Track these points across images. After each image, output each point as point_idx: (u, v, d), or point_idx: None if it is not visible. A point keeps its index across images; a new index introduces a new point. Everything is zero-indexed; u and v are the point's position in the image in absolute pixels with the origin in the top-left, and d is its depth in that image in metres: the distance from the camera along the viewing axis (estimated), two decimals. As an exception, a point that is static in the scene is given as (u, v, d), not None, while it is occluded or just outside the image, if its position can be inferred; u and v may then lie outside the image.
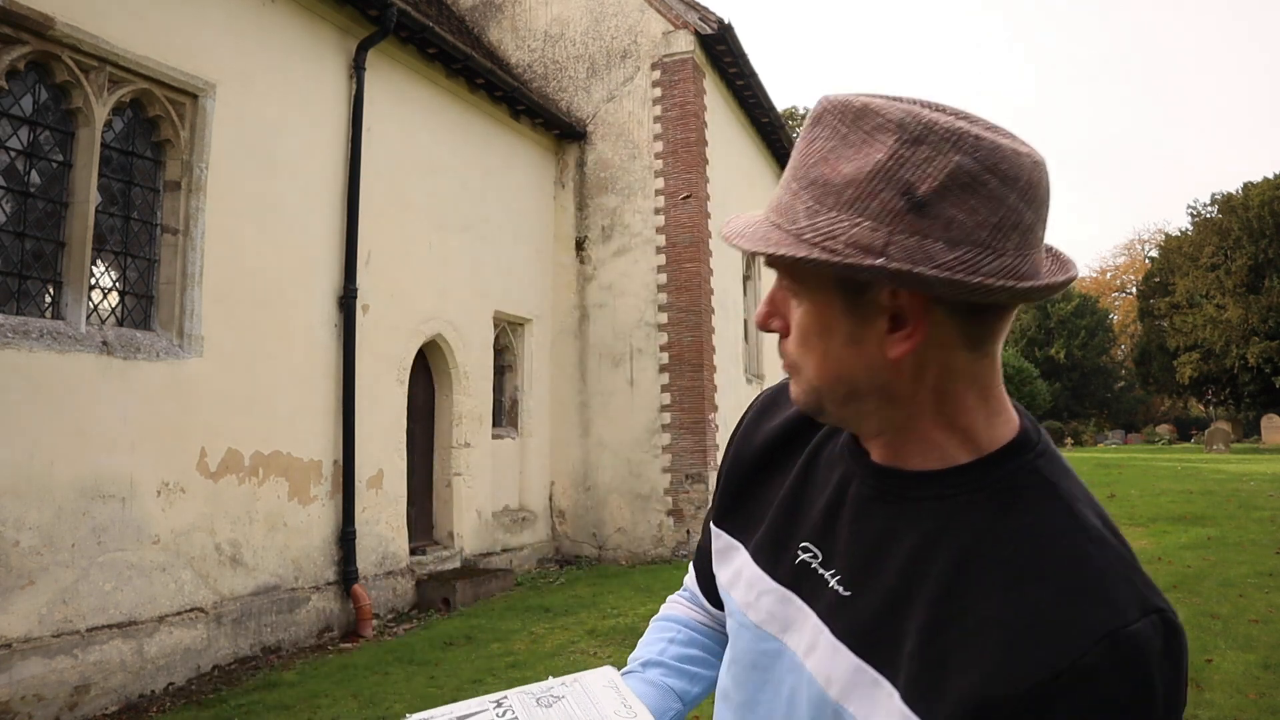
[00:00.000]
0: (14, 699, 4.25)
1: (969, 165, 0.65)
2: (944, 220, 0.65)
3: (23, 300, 4.77)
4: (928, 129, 0.65)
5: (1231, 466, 16.75)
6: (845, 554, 0.78)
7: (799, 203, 0.69)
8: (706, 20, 9.66)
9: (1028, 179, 0.66)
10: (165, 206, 5.55)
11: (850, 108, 0.69)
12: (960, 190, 0.65)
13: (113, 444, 4.89)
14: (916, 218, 0.65)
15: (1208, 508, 11.07)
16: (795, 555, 0.83)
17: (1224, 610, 6.09)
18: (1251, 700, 4.25)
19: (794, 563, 0.83)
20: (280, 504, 6.06)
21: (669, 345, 9.35)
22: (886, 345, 0.70)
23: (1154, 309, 34.79)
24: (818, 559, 0.81)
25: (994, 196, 0.65)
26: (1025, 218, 0.66)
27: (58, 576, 4.55)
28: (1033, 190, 0.66)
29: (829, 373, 0.74)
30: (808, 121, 0.72)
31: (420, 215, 7.76)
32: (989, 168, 0.65)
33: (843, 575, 0.78)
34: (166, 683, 5.09)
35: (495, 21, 10.50)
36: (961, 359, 0.71)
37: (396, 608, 7.09)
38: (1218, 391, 32.72)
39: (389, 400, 7.24)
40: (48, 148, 4.96)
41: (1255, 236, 29.53)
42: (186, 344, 5.43)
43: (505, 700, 0.88)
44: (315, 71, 6.62)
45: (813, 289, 0.72)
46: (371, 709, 4.62)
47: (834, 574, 0.79)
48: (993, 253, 0.65)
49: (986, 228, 0.65)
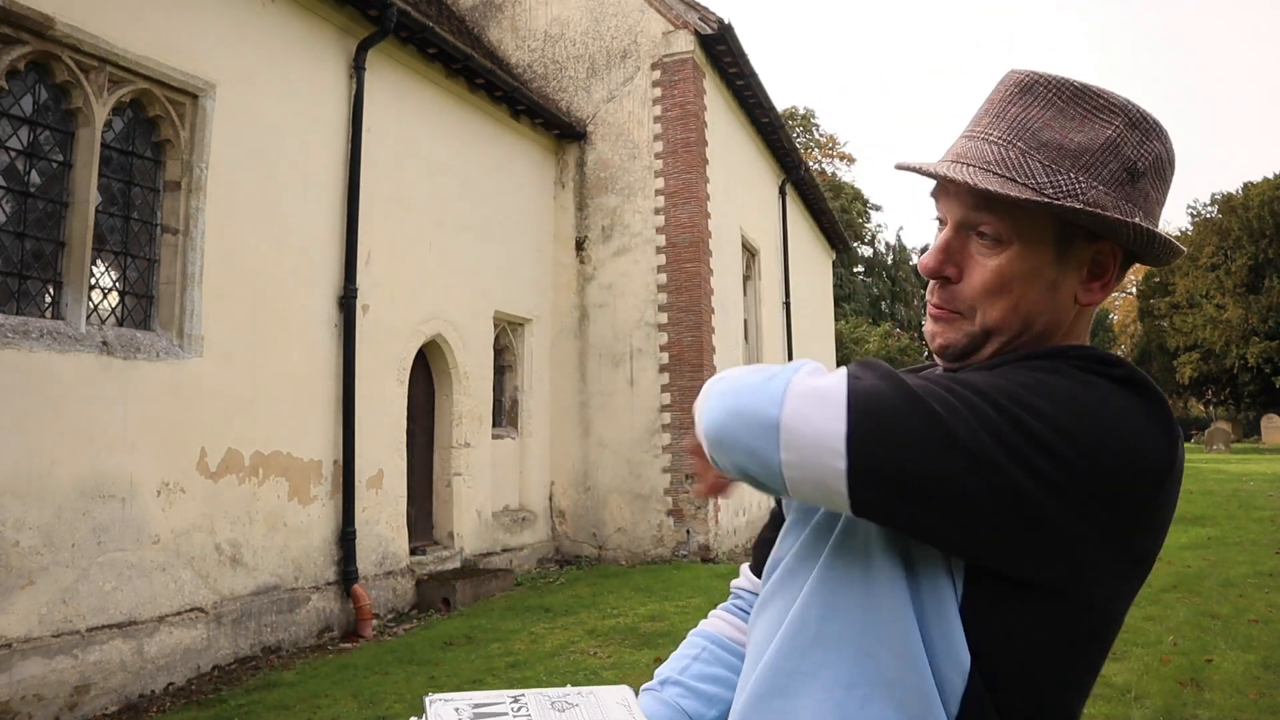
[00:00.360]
0: (14, 699, 4.25)
1: (1165, 154, 0.83)
2: (1144, 194, 0.82)
3: (23, 300, 4.77)
4: (1142, 117, 0.82)
5: (1231, 466, 16.74)
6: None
7: (1032, 161, 0.81)
8: (706, 20, 9.65)
9: (1172, 162, 0.85)
10: (165, 206, 5.55)
11: (1068, 86, 0.82)
12: (1156, 174, 0.83)
13: (113, 444, 4.89)
14: (1131, 189, 0.81)
15: (1208, 508, 11.07)
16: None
17: (1224, 610, 6.09)
18: (1251, 700, 4.24)
19: None
20: (280, 504, 6.06)
21: (669, 345, 9.35)
22: (1082, 292, 0.84)
23: (1154, 309, 34.80)
24: None
25: (1167, 181, 0.85)
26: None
27: (58, 576, 4.55)
28: (1171, 170, 0.86)
29: (1019, 314, 0.84)
30: (1012, 89, 0.84)
31: (420, 215, 7.75)
32: (1171, 159, 0.85)
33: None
34: (166, 683, 5.09)
35: (495, 21, 10.49)
36: (1096, 306, 0.87)
37: (396, 608, 7.09)
38: (1218, 391, 32.73)
39: (389, 400, 7.24)
40: (48, 148, 4.96)
41: (1255, 236, 29.54)
42: (186, 344, 5.43)
43: (522, 698, 0.88)
44: (315, 71, 6.62)
45: (1028, 238, 0.82)
46: (371, 709, 4.62)
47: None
48: (1158, 220, 0.85)
49: (1161, 205, 0.85)
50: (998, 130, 0.82)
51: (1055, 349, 0.83)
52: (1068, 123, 0.80)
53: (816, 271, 17.84)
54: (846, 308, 36.25)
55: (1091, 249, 0.83)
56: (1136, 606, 6.29)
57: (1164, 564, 7.89)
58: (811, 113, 38.56)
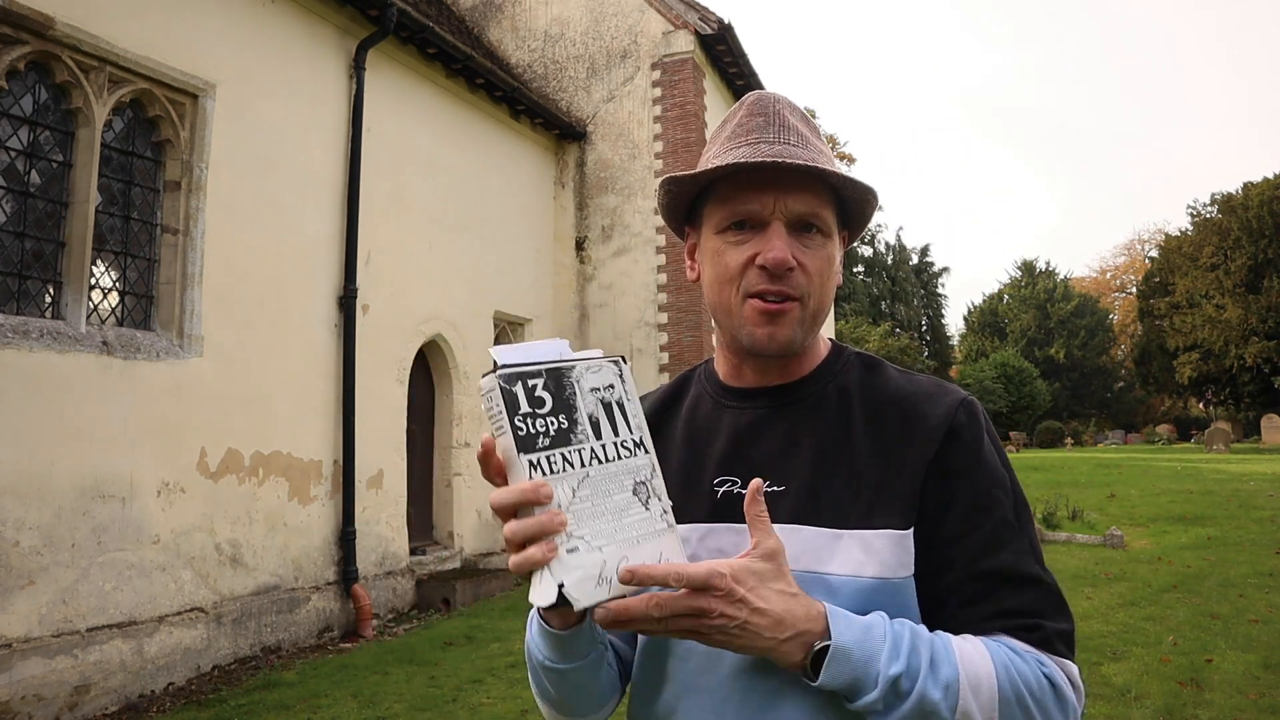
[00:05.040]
0: (14, 699, 4.25)
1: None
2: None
3: (23, 300, 4.77)
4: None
5: (1231, 466, 16.74)
6: (763, 464, 0.95)
7: (825, 159, 0.94)
8: (706, 20, 9.66)
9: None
10: (165, 206, 5.55)
11: (799, 109, 1.00)
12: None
13: (113, 444, 4.89)
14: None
15: (1208, 508, 11.06)
16: (714, 493, 0.97)
17: (1224, 610, 6.09)
18: (1251, 700, 4.24)
19: (716, 499, 0.96)
20: (280, 504, 6.05)
21: (669, 345, 9.35)
22: (838, 267, 0.99)
23: (1154, 309, 34.78)
24: (738, 484, 0.96)
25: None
26: None
27: (58, 576, 4.55)
28: None
29: (828, 298, 0.97)
30: (778, 104, 0.98)
31: (420, 215, 7.75)
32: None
33: (769, 481, 0.93)
34: (166, 683, 5.09)
35: (495, 21, 10.49)
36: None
37: (396, 608, 7.09)
38: (1217, 391, 32.71)
39: (389, 400, 7.24)
40: (48, 148, 4.96)
41: (1255, 236, 29.53)
42: (186, 344, 5.43)
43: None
44: (315, 71, 6.62)
45: (833, 226, 0.97)
46: (371, 709, 4.62)
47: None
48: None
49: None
50: (792, 138, 0.94)
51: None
52: (809, 129, 0.97)
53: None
54: (846, 307, 36.27)
55: (842, 234, 1.00)
56: (1136, 606, 6.30)
57: (1164, 564, 7.89)
58: (811, 113, 38.29)
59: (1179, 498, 12.10)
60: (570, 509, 0.80)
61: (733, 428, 1.00)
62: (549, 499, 0.78)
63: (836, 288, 0.99)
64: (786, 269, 0.91)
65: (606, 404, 0.87)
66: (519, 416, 0.80)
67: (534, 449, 0.80)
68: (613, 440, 0.85)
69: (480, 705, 4.61)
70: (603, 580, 0.80)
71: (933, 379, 0.99)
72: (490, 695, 4.77)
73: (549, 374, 0.83)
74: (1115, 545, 8.90)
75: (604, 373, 0.88)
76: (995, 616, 0.87)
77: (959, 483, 0.90)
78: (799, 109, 0.99)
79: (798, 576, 0.86)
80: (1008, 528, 0.89)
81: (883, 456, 0.91)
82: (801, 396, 0.99)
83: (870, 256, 43.07)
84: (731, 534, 0.93)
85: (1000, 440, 0.96)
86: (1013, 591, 0.87)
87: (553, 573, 0.78)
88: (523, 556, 0.78)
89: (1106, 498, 12.57)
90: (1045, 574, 0.90)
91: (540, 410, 0.81)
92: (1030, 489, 13.49)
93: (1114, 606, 6.35)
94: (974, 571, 0.88)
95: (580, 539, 0.80)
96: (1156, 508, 11.36)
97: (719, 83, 10.58)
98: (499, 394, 0.80)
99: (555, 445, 0.81)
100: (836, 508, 0.90)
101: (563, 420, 0.83)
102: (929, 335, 44.98)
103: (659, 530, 0.84)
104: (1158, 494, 12.65)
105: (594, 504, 0.82)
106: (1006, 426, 35.12)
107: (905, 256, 45.10)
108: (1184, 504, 11.50)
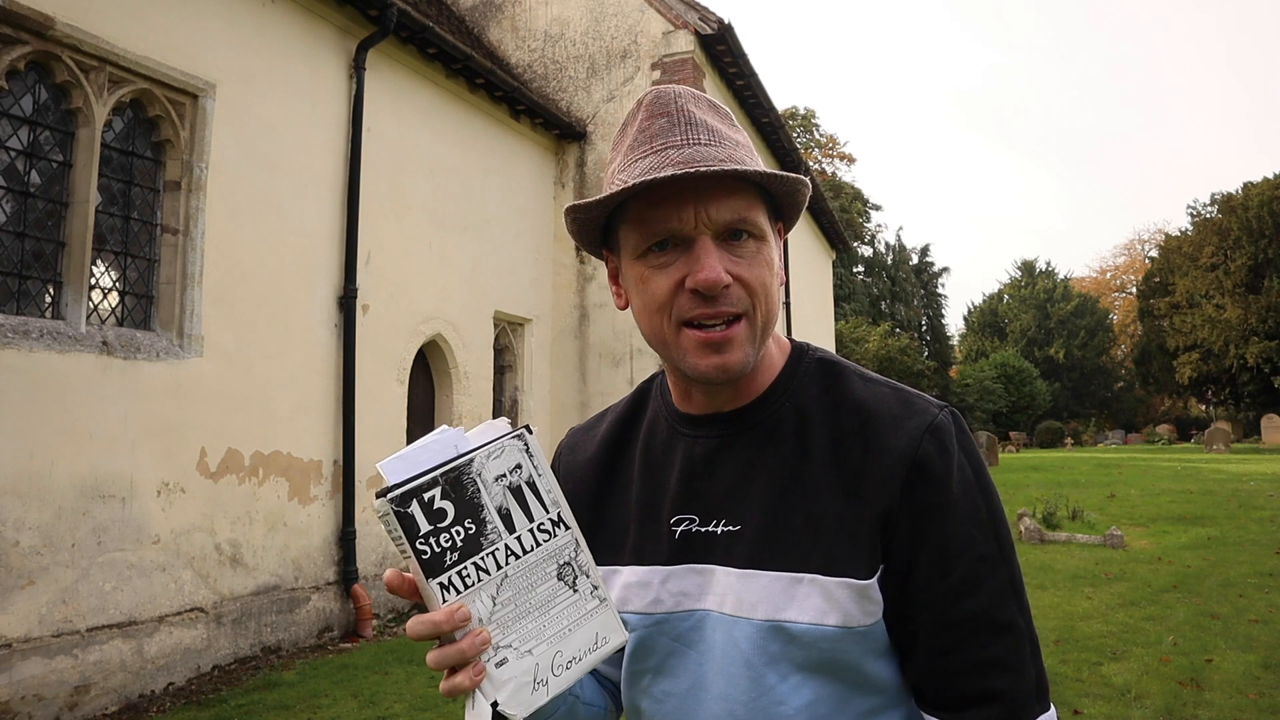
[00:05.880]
0: (14, 699, 4.25)
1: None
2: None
3: (23, 300, 4.77)
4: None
5: (1231, 466, 16.74)
6: (719, 501, 0.89)
7: (743, 155, 0.85)
8: (706, 20, 9.65)
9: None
10: (165, 206, 5.55)
11: (704, 97, 0.89)
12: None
13: (113, 444, 4.89)
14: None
15: (1208, 508, 11.07)
16: (672, 533, 0.91)
17: (1224, 610, 6.09)
18: (1251, 700, 4.24)
19: (675, 538, 0.90)
20: (280, 504, 6.06)
21: (669, 345, 9.34)
22: (778, 267, 0.89)
23: (1154, 309, 34.78)
24: (695, 521, 0.89)
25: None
26: None
27: (58, 576, 4.55)
28: None
29: (775, 305, 0.87)
30: (680, 99, 0.86)
31: (420, 215, 7.75)
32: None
33: (725, 519, 0.88)
34: (166, 683, 5.09)
35: (495, 21, 10.49)
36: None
37: (397, 608, 7.09)
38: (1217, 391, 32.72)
39: (389, 400, 7.24)
40: (48, 148, 4.96)
41: (1255, 236, 29.53)
42: (186, 344, 5.43)
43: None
44: (315, 71, 6.62)
45: (765, 226, 0.86)
46: (371, 709, 4.62)
47: (716, 523, 0.88)
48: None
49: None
50: (703, 135, 0.84)
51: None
52: (727, 125, 0.87)
53: (816, 271, 17.84)
54: (846, 307, 36.25)
55: (776, 226, 0.90)
56: (1136, 606, 6.30)
57: (1164, 564, 7.89)
58: (812, 113, 38.54)
59: (1179, 498, 12.11)
60: (493, 618, 0.76)
61: (686, 459, 0.92)
62: (466, 620, 0.73)
63: (782, 287, 0.94)
64: (722, 288, 0.82)
65: (515, 488, 0.79)
66: (419, 540, 0.74)
67: (442, 569, 0.74)
68: (528, 528, 0.79)
69: (480, 705, 4.61)
70: (539, 684, 0.76)
71: (898, 391, 0.89)
72: (490, 695, 4.77)
73: (445, 479, 0.76)
74: (1115, 545, 8.90)
75: (506, 455, 0.79)
76: (965, 673, 0.81)
77: (927, 522, 0.82)
78: (705, 98, 0.88)
79: (756, 626, 0.83)
80: (984, 564, 0.82)
81: (843, 493, 0.84)
82: (756, 421, 0.90)
83: (870, 256, 43.06)
84: (693, 575, 0.88)
85: (980, 456, 0.87)
86: (986, 642, 0.81)
87: (484, 694, 0.75)
88: (450, 685, 0.75)
89: (1106, 498, 12.57)
90: (1021, 616, 0.83)
91: (442, 524, 0.75)
92: (1030, 489, 13.50)
93: (1114, 606, 6.35)
94: (945, 621, 0.81)
95: (508, 648, 0.76)
96: (1156, 508, 11.36)
97: (719, 83, 10.58)
98: (394, 519, 0.73)
99: (465, 556, 0.75)
100: (795, 549, 0.83)
101: (469, 525, 0.76)
102: (929, 335, 44.98)
103: (591, 610, 0.80)
104: (1158, 494, 12.65)
105: (517, 605, 0.77)
106: (1006, 426, 35.13)
107: (905, 256, 45.08)
108: (1184, 504, 11.50)
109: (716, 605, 0.86)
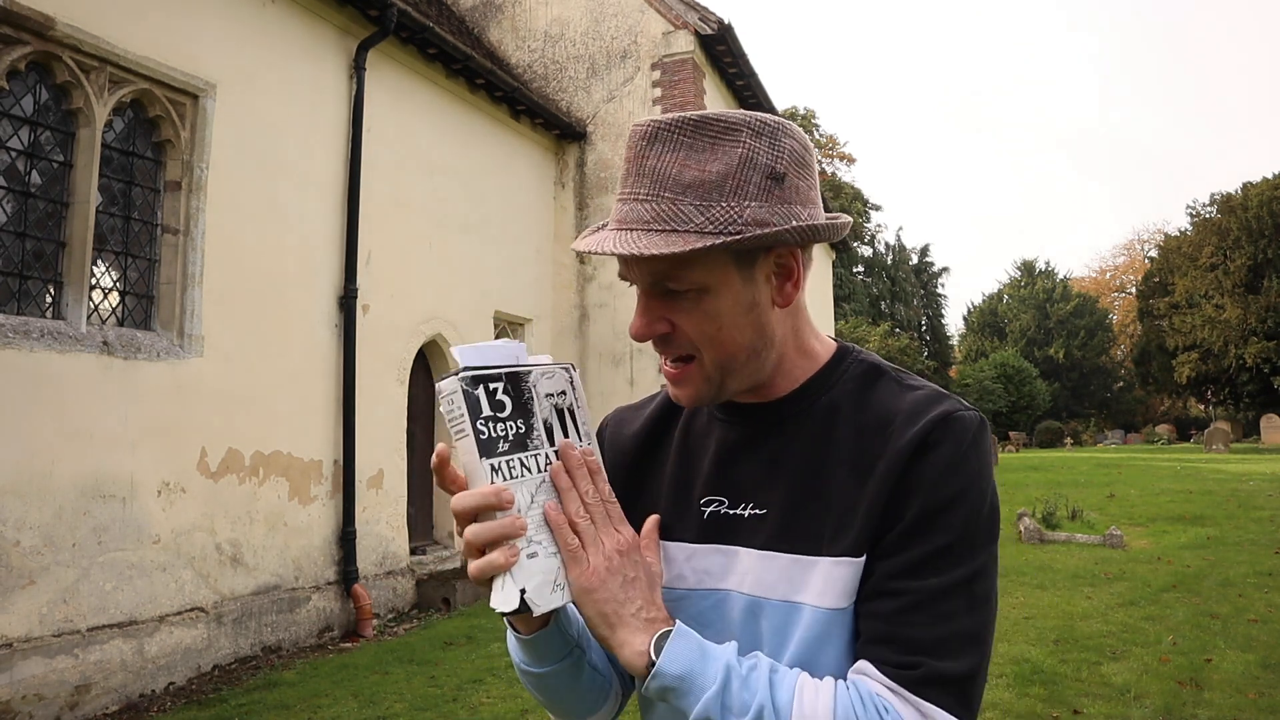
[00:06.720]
0: (14, 699, 4.26)
1: (796, 146, 0.85)
2: (794, 189, 0.84)
3: (23, 300, 4.77)
4: (762, 124, 0.84)
5: (1231, 466, 16.75)
6: (747, 486, 0.92)
7: (684, 206, 0.81)
8: (706, 20, 9.66)
9: (808, 148, 0.87)
10: (165, 206, 5.56)
11: (688, 122, 0.82)
12: (797, 166, 0.85)
13: (113, 444, 4.89)
14: (781, 191, 0.83)
15: (1208, 508, 11.07)
16: (701, 512, 0.94)
17: (1224, 610, 6.10)
18: (1251, 700, 4.25)
19: (704, 518, 0.94)
20: (280, 504, 6.06)
21: (669, 345, 9.35)
22: (778, 297, 0.88)
23: (1153, 309, 34.78)
24: (724, 504, 0.93)
25: (810, 166, 0.87)
26: (816, 175, 0.90)
27: (58, 576, 4.55)
28: (811, 155, 0.88)
29: (736, 344, 0.87)
30: (640, 143, 0.83)
31: (420, 215, 7.76)
32: (805, 146, 0.86)
33: (752, 503, 0.91)
34: (167, 682, 5.09)
35: (495, 22, 10.50)
36: (800, 297, 0.90)
37: (397, 607, 7.09)
38: (1217, 391, 32.73)
39: (389, 400, 7.25)
40: (48, 148, 4.96)
41: (1254, 237, 29.53)
42: (187, 344, 5.43)
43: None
44: (315, 71, 6.62)
45: (715, 277, 0.85)
46: (371, 709, 4.62)
47: (743, 507, 0.92)
48: (818, 205, 0.88)
49: (814, 188, 0.88)
50: (643, 187, 0.82)
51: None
52: (701, 155, 0.81)
53: (816, 271, 17.81)
54: (846, 308, 36.27)
55: (770, 257, 0.86)
56: (1136, 606, 6.31)
57: (1164, 564, 7.89)
58: (812, 113, 38.52)
59: (1179, 497, 12.11)
60: (528, 514, 0.80)
61: (721, 444, 0.96)
62: (510, 504, 0.78)
63: (769, 317, 0.88)
64: (651, 338, 0.87)
65: (560, 410, 0.87)
66: (481, 420, 0.79)
67: (495, 453, 0.79)
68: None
69: (480, 705, 4.62)
70: (557, 587, 0.80)
71: (933, 392, 0.89)
72: (490, 695, 4.78)
73: (509, 378, 0.83)
74: (1115, 545, 8.91)
75: (557, 379, 0.87)
76: (885, 641, 0.80)
77: (911, 500, 0.82)
78: (683, 123, 0.82)
79: (774, 606, 0.86)
80: (944, 555, 0.80)
81: (858, 479, 0.85)
82: (789, 414, 0.93)
83: (870, 256, 43.08)
84: (719, 555, 0.91)
85: (989, 464, 0.87)
86: (922, 623, 0.79)
87: (514, 578, 0.78)
88: (485, 561, 0.77)
89: (1106, 498, 12.58)
90: (972, 612, 0.80)
91: (501, 414, 0.81)
92: (1030, 489, 13.50)
93: (1114, 606, 6.36)
94: (888, 589, 0.81)
95: (539, 544, 0.80)
96: (1156, 508, 11.37)
97: (719, 83, 10.59)
98: (461, 397, 0.79)
99: (514, 450, 0.81)
100: (812, 533, 0.86)
101: (521, 425, 0.82)
102: (929, 335, 44.99)
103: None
104: (1157, 494, 12.66)
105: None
106: (1006, 426, 35.12)
107: (905, 256, 45.10)
108: (1184, 504, 11.51)
109: (737, 585, 0.89)
